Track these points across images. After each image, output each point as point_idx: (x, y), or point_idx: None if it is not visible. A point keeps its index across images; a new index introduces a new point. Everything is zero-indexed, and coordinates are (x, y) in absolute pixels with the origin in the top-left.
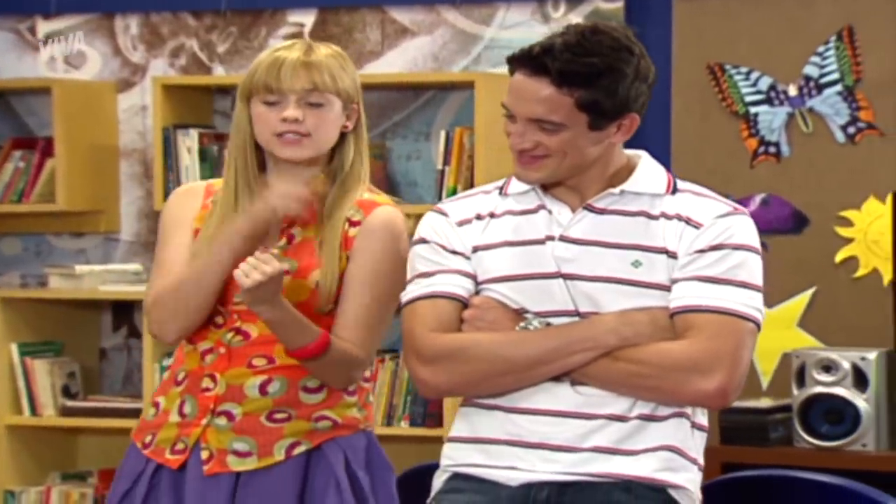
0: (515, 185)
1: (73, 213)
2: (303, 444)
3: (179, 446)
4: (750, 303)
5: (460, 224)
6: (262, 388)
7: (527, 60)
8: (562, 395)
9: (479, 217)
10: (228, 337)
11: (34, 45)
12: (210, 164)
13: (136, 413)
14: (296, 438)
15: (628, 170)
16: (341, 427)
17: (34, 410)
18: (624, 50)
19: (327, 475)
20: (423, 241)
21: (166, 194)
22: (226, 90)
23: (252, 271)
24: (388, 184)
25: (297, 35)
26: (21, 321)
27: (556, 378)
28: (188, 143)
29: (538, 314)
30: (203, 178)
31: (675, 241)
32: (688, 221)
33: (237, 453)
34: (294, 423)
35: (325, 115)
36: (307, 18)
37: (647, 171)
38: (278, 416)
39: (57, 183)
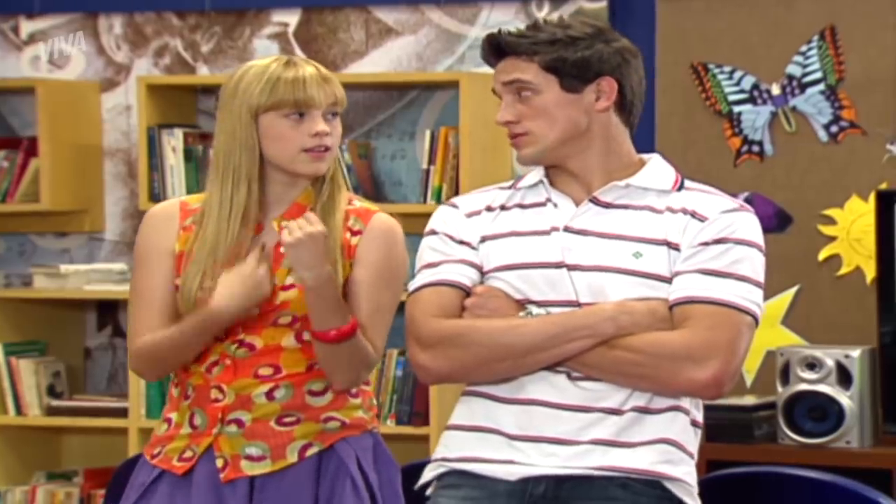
0: (526, 179)
1: (57, 213)
2: (315, 446)
3: (187, 454)
4: (748, 296)
5: (469, 215)
6: (269, 395)
7: (489, 49)
8: (560, 388)
9: (489, 209)
10: (233, 349)
11: (17, 44)
12: (195, 164)
13: (121, 412)
14: (307, 440)
15: (637, 167)
16: (349, 427)
17: (19, 410)
18: (579, 25)
19: (342, 475)
20: (433, 232)
21: (151, 194)
22: (210, 90)
23: (296, 230)
24: (373, 183)
25: (281, 35)
26: (5, 321)
27: (554, 370)
28: (173, 142)
29: (540, 304)
30: (188, 177)
31: (679, 233)
32: (693, 214)
33: (250, 458)
34: (303, 426)
35: (337, 127)
36: (291, 18)
37: (656, 169)
38: (287, 419)
39: (41, 183)
